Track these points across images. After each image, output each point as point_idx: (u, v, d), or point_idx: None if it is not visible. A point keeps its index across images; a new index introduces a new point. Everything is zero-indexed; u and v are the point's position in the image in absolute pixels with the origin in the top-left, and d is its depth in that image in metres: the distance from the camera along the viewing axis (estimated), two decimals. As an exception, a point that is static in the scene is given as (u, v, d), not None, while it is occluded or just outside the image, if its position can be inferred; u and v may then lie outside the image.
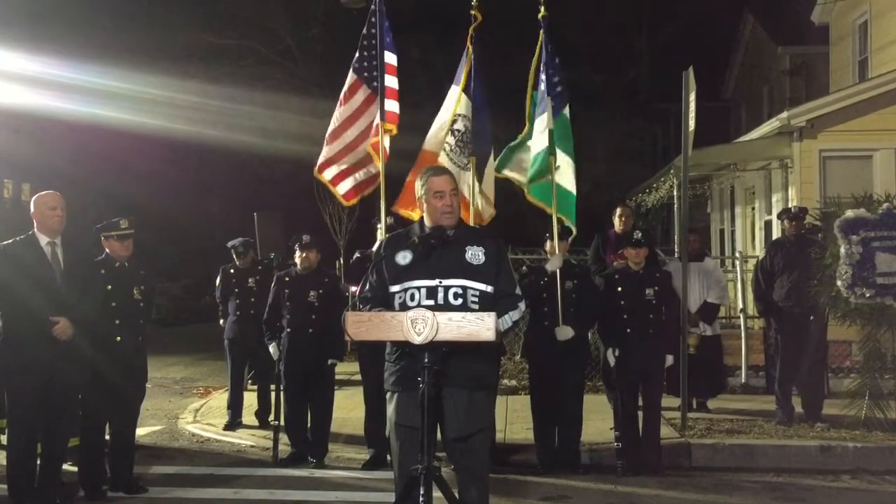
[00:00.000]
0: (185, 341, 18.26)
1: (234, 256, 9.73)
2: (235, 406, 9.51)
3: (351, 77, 8.11)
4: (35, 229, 6.33)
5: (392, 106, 8.08)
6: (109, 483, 6.83)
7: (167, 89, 19.72)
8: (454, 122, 8.18)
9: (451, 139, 8.18)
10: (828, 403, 8.99)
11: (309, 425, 7.99)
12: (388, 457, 6.10)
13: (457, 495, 4.26)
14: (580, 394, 7.81)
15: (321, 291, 7.88)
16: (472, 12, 8.17)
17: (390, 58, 8.07)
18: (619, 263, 8.25)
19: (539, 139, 7.98)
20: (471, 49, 8.24)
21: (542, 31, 8.13)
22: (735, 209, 17.04)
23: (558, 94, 8.02)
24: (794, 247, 9.00)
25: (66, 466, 6.74)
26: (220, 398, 10.67)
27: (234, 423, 9.40)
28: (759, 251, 12.75)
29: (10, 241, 6.33)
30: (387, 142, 8.00)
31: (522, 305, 4.56)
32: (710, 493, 7.04)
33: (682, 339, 8.32)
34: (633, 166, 23.45)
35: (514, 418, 9.05)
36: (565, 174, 7.97)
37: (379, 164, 7.93)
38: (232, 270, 9.74)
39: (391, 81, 8.08)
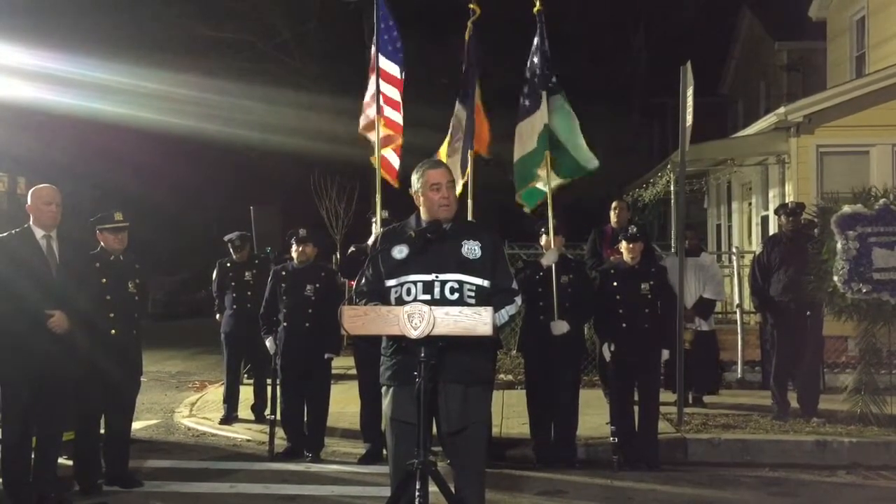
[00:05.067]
0: (181, 335, 18.20)
1: (231, 250, 9.71)
2: (231, 400, 9.49)
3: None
4: (31, 223, 6.31)
5: (389, 113, 7.91)
6: (105, 477, 6.82)
7: (164, 83, 19.66)
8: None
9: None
10: (824, 399, 9.01)
11: (305, 420, 7.99)
12: (384, 451, 6.09)
13: (453, 490, 4.25)
14: (576, 388, 7.81)
15: (318, 286, 7.87)
16: (471, 6, 8.08)
17: (387, 65, 7.90)
18: (616, 258, 8.24)
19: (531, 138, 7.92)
20: (468, 42, 8.16)
21: (539, 26, 8.08)
22: (732, 204, 17.03)
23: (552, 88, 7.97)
24: (791, 242, 9.01)
25: (61, 460, 6.72)
26: (216, 392, 10.66)
27: (230, 418, 9.39)
28: (756, 246, 12.72)
29: (6, 234, 6.31)
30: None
31: (519, 300, 4.55)
32: (705, 488, 7.04)
33: (678, 333, 8.32)
34: (630, 161, 23.39)
35: (510, 413, 9.05)
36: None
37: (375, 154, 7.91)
38: (228, 264, 9.72)
39: (388, 90, 7.92)
